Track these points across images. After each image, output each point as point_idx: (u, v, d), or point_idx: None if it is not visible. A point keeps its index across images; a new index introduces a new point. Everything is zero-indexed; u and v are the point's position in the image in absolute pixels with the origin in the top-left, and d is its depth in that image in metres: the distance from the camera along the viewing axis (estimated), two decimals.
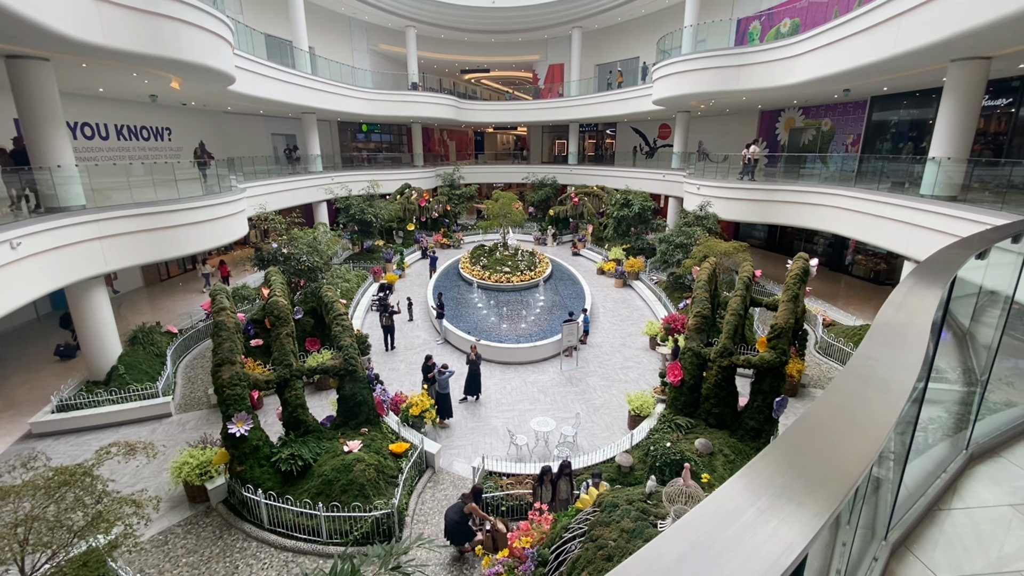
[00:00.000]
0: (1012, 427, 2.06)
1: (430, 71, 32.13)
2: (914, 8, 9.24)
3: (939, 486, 1.83)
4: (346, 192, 21.06)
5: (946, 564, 1.57)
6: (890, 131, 17.93)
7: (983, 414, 2.08)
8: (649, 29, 25.17)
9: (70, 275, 9.56)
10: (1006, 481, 1.96)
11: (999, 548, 1.67)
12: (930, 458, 1.82)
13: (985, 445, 2.06)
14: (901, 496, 1.72)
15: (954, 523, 1.74)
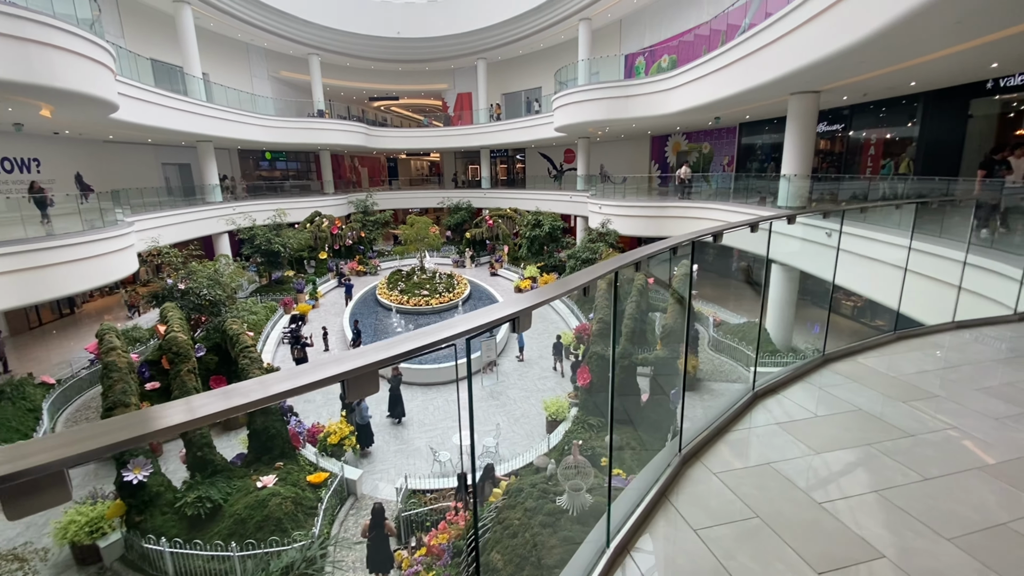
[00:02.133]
0: (787, 374, 2.79)
1: (337, 98, 31.85)
2: (756, 52, 10.98)
3: (729, 415, 2.46)
4: (250, 222, 20.18)
5: (719, 463, 2.15)
6: (756, 153, 20.59)
7: (766, 362, 2.79)
8: (549, 61, 26.93)
9: None
10: (776, 409, 2.64)
11: (760, 451, 2.29)
12: (725, 396, 2.45)
13: (766, 387, 2.74)
14: (699, 423, 2.30)
15: (735, 438, 2.35)
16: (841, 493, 2.00)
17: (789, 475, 2.12)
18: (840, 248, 4.20)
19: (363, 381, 0.86)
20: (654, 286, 12.46)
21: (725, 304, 18.44)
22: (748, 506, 1.92)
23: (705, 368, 13.47)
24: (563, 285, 1.54)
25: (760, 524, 1.82)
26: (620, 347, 9.80)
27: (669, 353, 9.47)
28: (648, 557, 1.71)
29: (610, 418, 2.09)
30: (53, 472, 0.61)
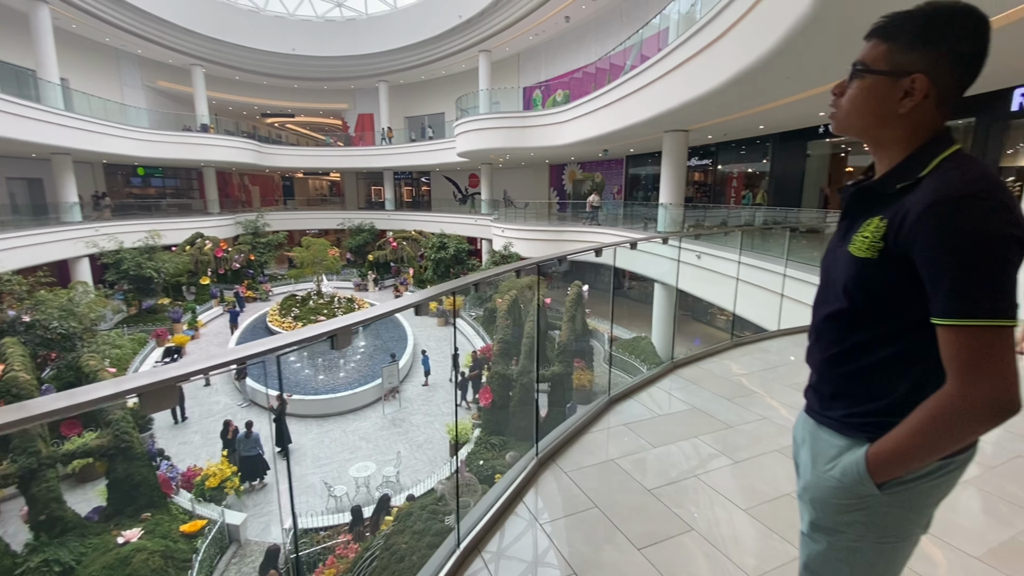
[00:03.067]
0: (641, 380, 3.18)
1: (226, 113, 29.78)
2: (633, 93, 12.20)
3: (586, 419, 2.76)
4: (116, 245, 18.03)
5: (570, 463, 2.40)
6: (642, 183, 22.56)
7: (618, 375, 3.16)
8: (452, 88, 27.49)
9: None
10: (627, 411, 3.00)
11: (607, 449, 2.58)
12: (587, 403, 2.74)
13: (621, 393, 3.10)
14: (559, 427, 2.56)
15: (587, 440, 2.63)
16: (667, 480, 2.32)
17: (627, 468, 2.41)
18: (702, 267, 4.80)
19: (160, 395, 0.91)
20: (551, 306, 13.08)
21: (618, 320, 19.74)
22: (589, 498, 2.16)
23: (600, 381, 14.29)
24: (391, 305, 1.68)
25: (597, 513, 2.07)
26: (520, 365, 10.12)
27: (564, 369, 9.95)
28: (496, 552, 1.86)
29: (455, 405, 2.24)
30: None
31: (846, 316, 0.99)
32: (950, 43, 0.89)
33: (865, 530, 0.96)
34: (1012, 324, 0.79)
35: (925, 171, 0.90)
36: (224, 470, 8.88)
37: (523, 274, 19.01)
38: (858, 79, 0.97)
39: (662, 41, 11.82)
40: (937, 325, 0.84)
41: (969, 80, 0.91)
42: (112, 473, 7.97)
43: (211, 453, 10.45)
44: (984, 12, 0.90)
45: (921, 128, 0.94)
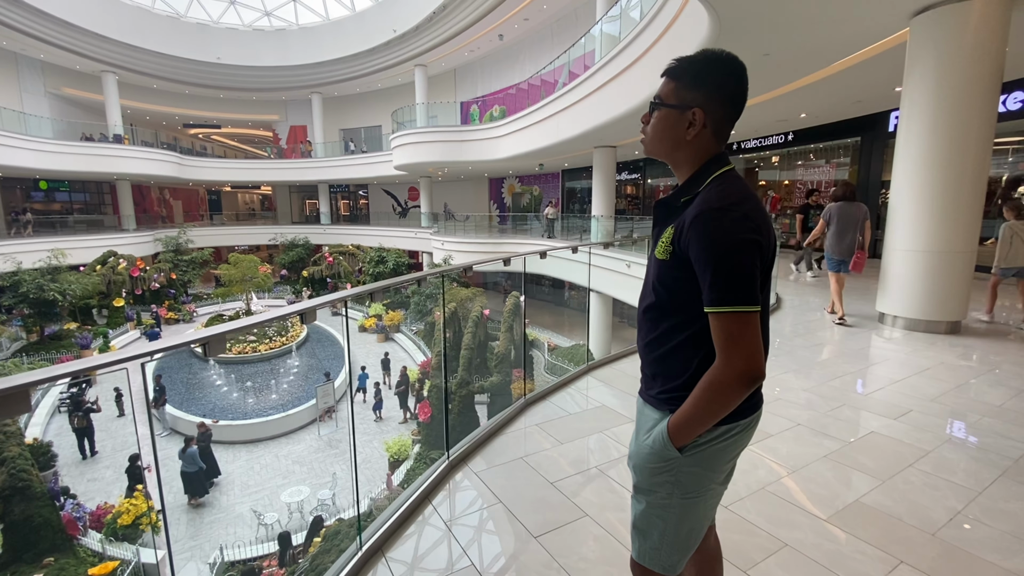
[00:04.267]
0: (557, 383, 3.39)
1: (143, 123, 27.91)
2: (562, 111, 12.72)
3: (499, 422, 2.89)
4: (14, 266, 16.37)
5: (481, 464, 2.52)
6: (577, 196, 23.33)
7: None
8: (389, 101, 27.28)
9: None
10: (540, 413, 3.16)
11: (517, 449, 2.71)
12: (502, 407, 2.88)
13: (537, 395, 3.28)
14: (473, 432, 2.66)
15: (499, 441, 2.76)
16: (571, 471, 2.47)
17: (533, 465, 2.55)
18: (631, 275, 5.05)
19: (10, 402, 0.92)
20: (489, 318, 13.21)
21: (560, 330, 20.17)
22: (495, 495, 2.27)
23: (541, 389, 14.51)
24: (282, 309, 1.72)
25: (502, 508, 2.18)
26: (458, 377, 10.13)
27: (504, 379, 10.07)
28: (400, 553, 1.92)
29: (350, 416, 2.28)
30: None
31: (654, 308, 1.18)
32: (718, 83, 1.10)
33: (673, 488, 1.15)
34: (751, 309, 0.99)
35: (701, 188, 1.11)
36: (138, 506, 8.23)
37: (425, 283, 19.13)
38: (657, 111, 1.17)
39: (589, 60, 12.42)
40: (707, 313, 1.03)
41: (735, 114, 1.14)
42: (8, 516, 7.18)
43: (122, 488, 9.65)
44: (741, 62, 1.13)
45: (702, 152, 1.15)
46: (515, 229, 22.14)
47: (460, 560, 1.84)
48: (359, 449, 11.54)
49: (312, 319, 1.62)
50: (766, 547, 1.92)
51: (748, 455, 2.60)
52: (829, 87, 8.79)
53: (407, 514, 2.09)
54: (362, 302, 23.28)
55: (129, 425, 12.43)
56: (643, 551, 1.22)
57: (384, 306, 21.33)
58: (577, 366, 3.98)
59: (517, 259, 3.45)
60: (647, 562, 1.22)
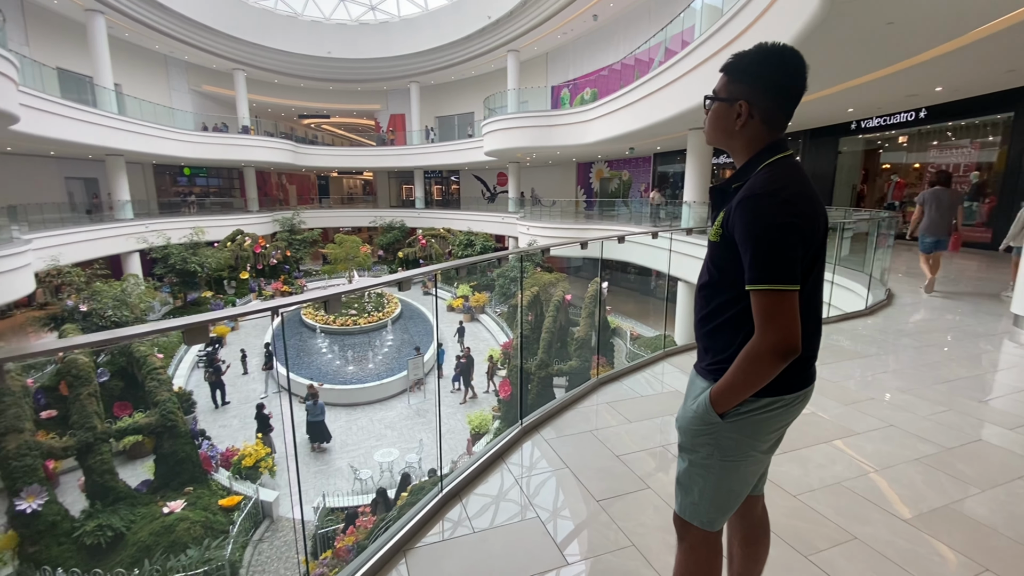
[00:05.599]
0: (632, 366, 3.43)
1: (265, 115, 31.09)
2: (657, 91, 12.27)
3: (571, 397, 3.03)
4: (164, 241, 19.21)
5: (551, 433, 2.68)
6: (669, 180, 22.41)
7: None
8: (482, 88, 27.92)
9: None
10: (612, 392, 3.25)
11: (587, 423, 2.85)
12: (574, 384, 2.99)
13: (611, 376, 3.35)
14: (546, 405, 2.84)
15: (570, 415, 2.90)
16: (636, 448, 2.56)
17: (603, 438, 2.67)
18: None
19: (195, 332, 1.24)
20: (571, 303, 13.27)
21: (644, 319, 19.71)
22: (563, 461, 2.44)
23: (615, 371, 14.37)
24: (380, 279, 1.97)
25: (568, 472, 2.34)
26: (537, 359, 10.40)
27: (582, 364, 10.16)
28: (474, 500, 2.16)
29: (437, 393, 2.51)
30: None
31: (707, 287, 1.27)
32: (763, 76, 1.15)
33: (713, 450, 1.24)
34: (789, 288, 1.05)
35: (752, 175, 1.17)
36: (259, 451, 9.50)
37: (508, 266, 19.29)
38: (712, 103, 1.25)
39: (688, 37, 11.84)
40: (749, 290, 1.10)
41: (788, 104, 1.18)
42: (159, 450, 8.68)
43: (248, 436, 11.14)
44: (799, 52, 1.16)
45: (754, 141, 1.21)
46: (602, 215, 21.83)
47: (527, 511, 2.04)
48: (444, 420, 12.26)
49: (407, 288, 1.86)
50: (832, 537, 1.90)
51: (826, 449, 2.53)
52: (973, 55, 7.66)
53: (482, 468, 2.33)
54: (450, 283, 24.38)
55: (252, 382, 14.25)
56: (684, 505, 1.34)
57: (471, 287, 22.18)
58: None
59: (595, 244, 3.51)
60: (687, 515, 1.33)
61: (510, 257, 19.55)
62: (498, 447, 2.48)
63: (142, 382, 9.76)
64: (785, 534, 1.89)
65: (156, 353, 10.23)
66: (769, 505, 1.98)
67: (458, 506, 2.09)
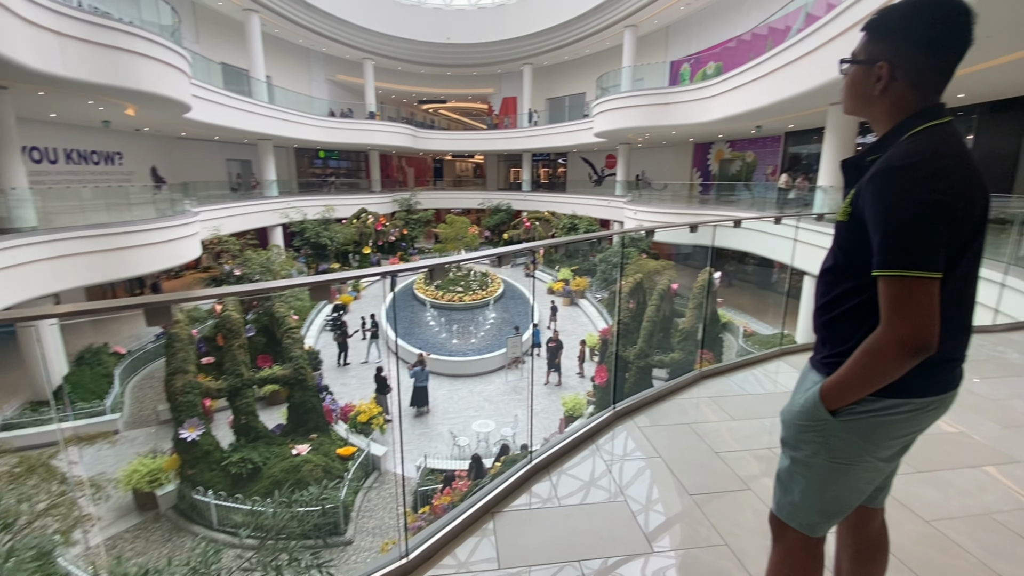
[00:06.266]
0: (740, 362, 3.16)
1: (388, 101, 33.30)
2: (794, 61, 11.02)
3: (670, 387, 2.89)
4: (301, 216, 21.60)
5: (646, 421, 2.59)
6: (802, 162, 20.15)
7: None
8: (595, 67, 27.22)
9: (17, 294, 9.75)
10: (715, 387, 3.04)
11: (686, 415, 2.71)
12: (674, 374, 2.85)
13: (714, 370, 3.15)
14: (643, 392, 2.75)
15: (669, 405, 2.78)
16: (738, 447, 2.39)
17: (701, 432, 2.53)
18: None
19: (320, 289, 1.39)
20: (677, 293, 12.61)
21: (761, 316, 18.18)
22: (655, 449, 2.35)
23: (720, 364, 13.46)
24: (477, 253, 2.03)
25: (660, 462, 2.26)
26: (637, 348, 10.10)
27: (686, 357, 9.67)
28: (562, 475, 2.17)
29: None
30: None
31: (830, 272, 1.13)
32: (911, 31, 0.98)
33: (819, 449, 1.11)
34: (927, 275, 0.88)
35: (895, 144, 1.00)
36: (372, 409, 10.45)
37: (610, 251, 18.50)
38: (849, 67, 1.08)
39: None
40: (876, 276, 0.95)
41: (942, 62, 0.98)
42: (291, 399, 9.92)
43: (364, 395, 12.29)
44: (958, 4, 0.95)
45: (898, 108, 1.03)
46: (718, 200, 20.37)
47: (615, 494, 2.01)
48: (539, 399, 12.48)
49: (509, 262, 1.91)
50: (970, 572, 1.63)
51: (975, 475, 2.16)
52: None
53: (572, 446, 2.35)
54: (552, 266, 24.48)
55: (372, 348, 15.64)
56: (782, 504, 1.22)
57: (572, 271, 22.08)
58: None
59: (707, 229, 3.28)
60: (784, 515, 1.22)
61: (613, 241, 19.06)
62: (589, 428, 2.47)
63: (280, 339, 11.17)
64: (912, 562, 1.66)
65: (292, 315, 11.62)
66: (895, 527, 1.75)
67: (546, 479, 2.13)
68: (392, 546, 6.69)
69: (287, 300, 14.71)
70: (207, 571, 3.76)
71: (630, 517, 1.91)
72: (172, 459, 8.28)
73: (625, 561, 1.71)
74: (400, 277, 7.42)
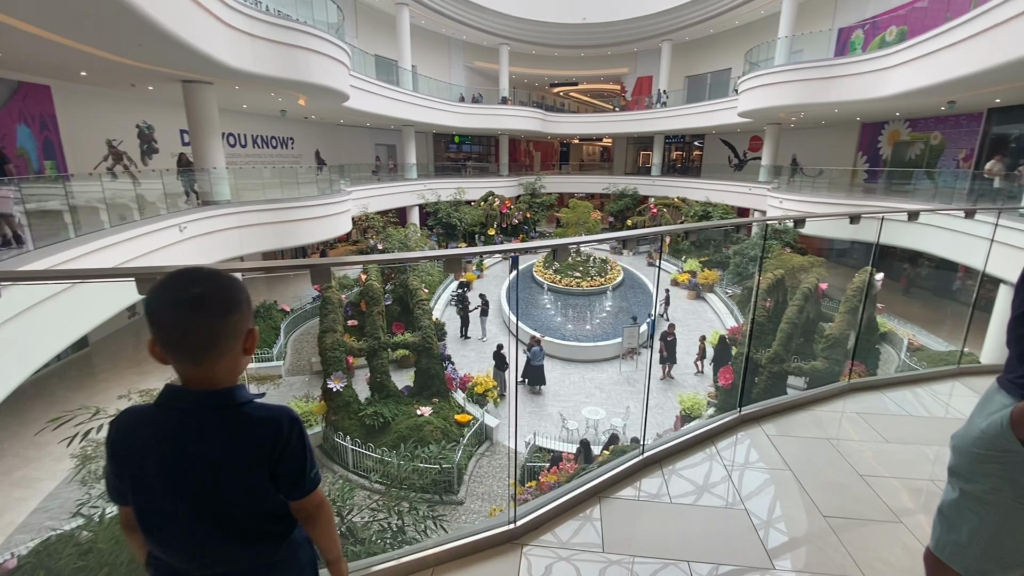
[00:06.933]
0: (902, 377, 2.71)
1: (520, 85, 33.83)
2: (1007, 21, 8.92)
3: (810, 397, 2.59)
4: (436, 197, 23.11)
5: (777, 429, 2.35)
6: (1010, 146, 16.40)
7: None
8: (742, 40, 24.81)
9: (215, 255, 11.88)
10: (866, 402, 2.63)
11: (828, 429, 2.41)
12: (813, 384, 2.53)
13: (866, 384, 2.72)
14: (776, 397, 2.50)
15: (807, 415, 2.48)
16: (889, 473, 2.06)
17: (844, 451, 2.23)
18: None
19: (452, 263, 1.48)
20: (826, 294, 11.10)
21: (934, 328, 15.37)
22: (785, 461, 2.13)
23: (874, 378, 11.66)
24: (599, 236, 1.97)
25: (790, 476, 2.04)
26: (771, 351, 9.19)
27: (830, 367, 8.56)
28: (674, 472, 2.08)
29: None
30: None
31: None
32: None
33: (1002, 484, 0.91)
34: None
35: None
36: (488, 382, 10.98)
37: (747, 242, 16.55)
38: None
39: None
40: None
41: None
42: (419, 364, 10.82)
43: (480, 368, 12.94)
44: None
45: None
46: (889, 189, 17.52)
47: (733, 501, 1.88)
48: (654, 395, 12.05)
49: (633, 248, 1.85)
50: None
51: None
52: None
53: (687, 445, 2.23)
54: (678, 256, 23.17)
55: (487, 324, 16.39)
56: (943, 543, 1.04)
57: (700, 263, 20.69)
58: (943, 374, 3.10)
59: (871, 221, 2.84)
60: (946, 556, 1.03)
61: (752, 231, 17.39)
62: (709, 428, 2.32)
63: (412, 309, 12.19)
64: None
65: (423, 288, 12.58)
66: None
67: (658, 474, 2.06)
68: (499, 512, 7.04)
69: (420, 274, 15.95)
70: (343, 504, 4.32)
71: (750, 528, 1.77)
72: (320, 405, 9.56)
73: (740, 572, 1.60)
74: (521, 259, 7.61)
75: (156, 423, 0.88)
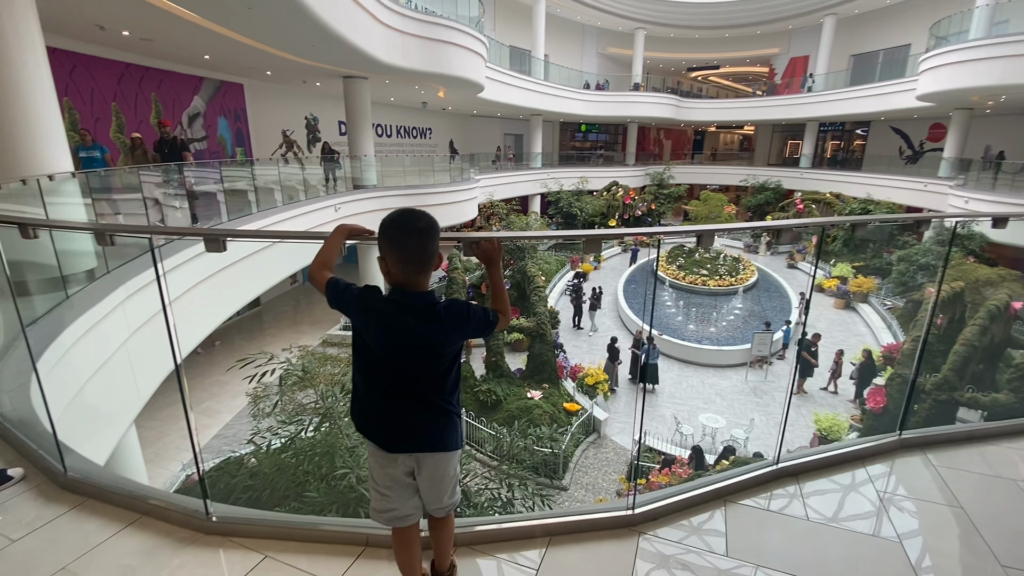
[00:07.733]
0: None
1: (654, 71, 32.34)
2: None
3: (996, 430, 2.19)
4: (558, 187, 23.21)
5: (947, 460, 2.03)
6: None
7: None
8: (927, 10, 21.04)
9: None
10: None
11: (1011, 467, 2.03)
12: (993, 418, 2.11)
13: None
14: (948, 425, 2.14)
15: (987, 449, 2.10)
16: None
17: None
18: None
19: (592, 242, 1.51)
20: (1018, 315, 9.07)
21: None
22: (955, 496, 1.83)
23: None
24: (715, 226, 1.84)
25: (959, 512, 1.75)
26: (940, 376, 7.82)
27: (1016, 401, 7.04)
28: (813, 490, 1.91)
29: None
30: None
31: None
32: None
33: None
34: None
35: None
36: (599, 374, 10.91)
37: (921, 247, 13.74)
38: None
39: None
40: None
41: None
42: (531, 349, 11.10)
43: (591, 360, 12.88)
44: None
45: None
46: None
47: (885, 530, 1.68)
48: (779, 407, 11.00)
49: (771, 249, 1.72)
50: None
51: None
52: None
53: (830, 462, 2.03)
54: (826, 259, 20.60)
55: (601, 316, 16.19)
56: None
57: (853, 269, 18.21)
58: None
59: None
60: None
61: (923, 236, 14.87)
62: (859, 448, 2.08)
63: (528, 295, 12.49)
64: None
65: (540, 275, 12.82)
66: None
67: (793, 486, 1.91)
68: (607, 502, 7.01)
69: (538, 263, 16.25)
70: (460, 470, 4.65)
71: (905, 563, 1.58)
72: None
73: None
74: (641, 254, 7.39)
75: (388, 308, 1.36)
